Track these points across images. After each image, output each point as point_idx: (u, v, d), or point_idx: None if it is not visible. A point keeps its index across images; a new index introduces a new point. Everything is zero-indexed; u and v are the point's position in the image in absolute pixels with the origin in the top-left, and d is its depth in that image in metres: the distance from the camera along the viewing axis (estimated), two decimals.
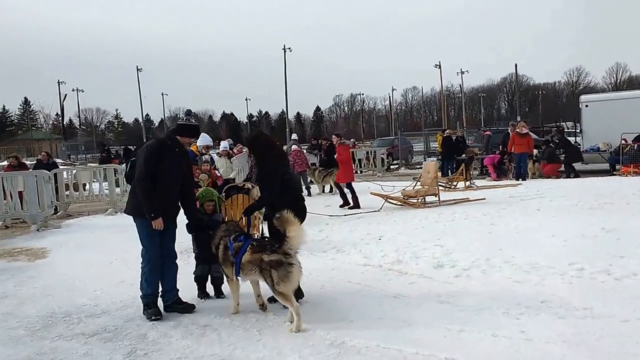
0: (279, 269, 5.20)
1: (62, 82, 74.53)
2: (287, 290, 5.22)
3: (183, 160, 6.04)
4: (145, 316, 5.75)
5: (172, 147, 5.86)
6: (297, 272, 5.26)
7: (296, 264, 5.27)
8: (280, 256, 5.24)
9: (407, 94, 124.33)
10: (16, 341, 5.30)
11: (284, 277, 5.19)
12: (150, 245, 5.80)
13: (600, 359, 4.22)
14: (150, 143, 5.95)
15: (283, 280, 5.19)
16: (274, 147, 6.24)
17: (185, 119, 6.08)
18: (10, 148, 59.03)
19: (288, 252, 5.25)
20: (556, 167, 18.53)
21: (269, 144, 6.18)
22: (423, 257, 7.46)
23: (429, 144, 36.19)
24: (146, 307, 5.81)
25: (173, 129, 6.14)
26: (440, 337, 4.80)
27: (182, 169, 5.99)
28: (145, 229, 5.75)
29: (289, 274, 5.20)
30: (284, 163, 6.21)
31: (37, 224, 12.56)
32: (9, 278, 7.91)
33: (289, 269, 5.20)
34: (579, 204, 10.90)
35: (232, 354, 4.69)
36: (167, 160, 5.76)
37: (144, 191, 5.66)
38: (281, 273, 5.20)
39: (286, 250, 5.25)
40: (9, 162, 15.83)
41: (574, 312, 5.23)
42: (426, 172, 13.39)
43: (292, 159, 16.67)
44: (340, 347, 4.69)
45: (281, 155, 6.42)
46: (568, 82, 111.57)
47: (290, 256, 5.25)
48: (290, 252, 5.26)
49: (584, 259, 6.72)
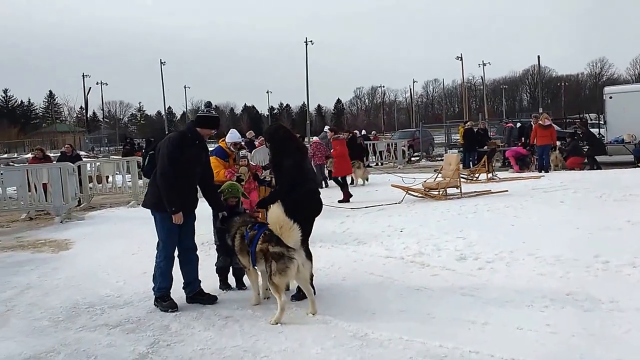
0: (279, 262, 5.19)
1: (87, 76, 75.37)
2: (280, 283, 5.21)
3: (203, 152, 6.04)
4: (160, 308, 5.75)
5: (192, 140, 5.84)
6: (294, 268, 5.19)
7: (297, 259, 5.20)
8: (283, 249, 5.21)
9: (428, 86, 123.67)
10: (40, 332, 5.35)
11: (281, 270, 5.17)
12: (168, 238, 5.80)
13: (627, 352, 4.14)
14: (172, 136, 5.91)
15: (280, 272, 5.17)
16: (294, 140, 6.20)
17: (206, 111, 6.04)
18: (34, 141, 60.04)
19: (292, 247, 5.21)
20: (580, 160, 18.29)
21: (288, 137, 6.14)
22: (445, 249, 7.39)
23: (450, 136, 35.92)
24: (160, 299, 5.82)
25: (193, 121, 6.10)
26: (464, 330, 4.75)
27: (202, 162, 5.99)
28: (164, 223, 5.74)
29: (287, 269, 5.16)
30: (304, 156, 6.17)
31: (61, 216, 12.67)
32: (33, 269, 7.98)
33: (288, 263, 5.17)
34: (603, 196, 10.73)
35: (255, 345, 4.68)
36: (187, 153, 5.75)
37: (168, 185, 5.63)
38: (280, 266, 5.18)
39: (289, 243, 5.21)
40: (34, 155, 16.01)
41: (599, 305, 5.13)
42: (448, 164, 13.27)
43: (312, 151, 16.71)
44: (362, 339, 4.66)
45: (301, 147, 6.37)
46: (591, 73, 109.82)
47: (294, 251, 5.21)
48: (293, 246, 5.21)
49: (609, 251, 6.60)
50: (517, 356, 4.13)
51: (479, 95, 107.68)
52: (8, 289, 6.96)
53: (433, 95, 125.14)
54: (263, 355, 4.48)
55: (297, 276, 5.30)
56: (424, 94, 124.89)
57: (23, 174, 13.10)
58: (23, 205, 13.35)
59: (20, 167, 15.13)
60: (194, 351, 4.64)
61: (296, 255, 5.21)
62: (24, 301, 6.41)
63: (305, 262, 5.32)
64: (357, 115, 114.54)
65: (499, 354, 4.20)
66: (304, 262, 5.28)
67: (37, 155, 15.67)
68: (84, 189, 15.47)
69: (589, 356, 4.10)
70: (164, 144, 5.76)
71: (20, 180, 12.98)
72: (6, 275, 7.67)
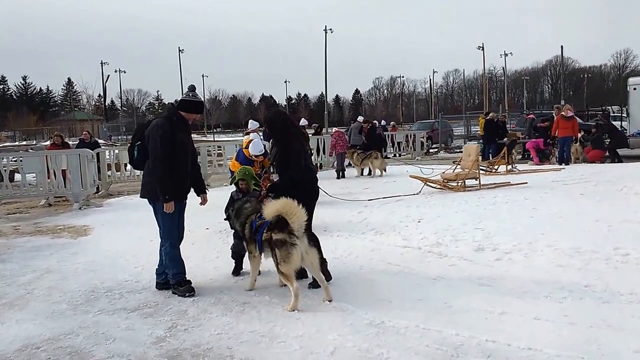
0: (282, 249, 5.21)
1: (105, 63, 75.75)
2: (287, 271, 5.22)
3: (190, 136, 6.13)
4: (178, 294, 5.81)
5: (179, 124, 5.83)
6: (297, 254, 5.18)
7: (299, 244, 5.20)
8: (285, 235, 5.22)
9: (449, 77, 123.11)
10: (59, 314, 5.45)
11: (285, 257, 5.19)
12: (172, 224, 5.88)
13: None
14: (159, 122, 5.80)
15: (284, 260, 5.20)
16: (293, 126, 6.17)
17: (192, 95, 5.96)
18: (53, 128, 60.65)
19: (293, 233, 5.20)
20: (601, 154, 18.11)
21: (288, 122, 6.11)
22: (463, 240, 7.38)
23: (470, 128, 35.67)
24: (177, 285, 5.87)
25: (175, 105, 6.02)
26: (481, 319, 4.77)
27: (191, 145, 6.07)
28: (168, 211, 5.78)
29: (289, 255, 5.17)
30: (304, 142, 6.12)
31: (80, 202, 12.81)
32: (52, 254, 8.12)
33: (290, 249, 5.17)
34: (624, 189, 10.61)
35: (272, 330, 4.74)
36: (178, 138, 5.76)
37: (163, 172, 5.65)
38: (283, 253, 5.20)
39: (291, 230, 5.21)
40: (53, 141, 16.15)
41: (619, 297, 5.12)
42: (467, 155, 13.21)
43: (334, 140, 16.84)
44: (379, 327, 4.70)
45: (301, 134, 6.35)
46: (615, 65, 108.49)
47: (295, 237, 5.20)
48: (295, 232, 5.21)
49: (629, 244, 6.57)
50: (534, 346, 4.14)
51: (499, 86, 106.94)
52: (28, 273, 7.09)
53: (453, 86, 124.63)
54: (280, 340, 4.53)
55: (303, 263, 5.33)
56: (444, 84, 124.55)
57: (42, 160, 13.21)
58: (42, 192, 13.45)
59: (40, 153, 15.24)
60: (212, 335, 4.71)
61: (298, 242, 5.20)
62: (43, 285, 6.53)
63: (309, 248, 5.31)
64: (376, 106, 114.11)
65: (515, 343, 4.22)
66: (307, 248, 5.27)
67: (56, 142, 15.78)
68: (103, 176, 15.59)
69: (607, 347, 4.09)
70: (153, 132, 5.71)
71: (39, 167, 13.09)
72: (25, 260, 7.81)
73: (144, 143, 5.80)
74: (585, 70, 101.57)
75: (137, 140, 5.90)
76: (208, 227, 9.11)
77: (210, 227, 9.07)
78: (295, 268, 5.33)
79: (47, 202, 14.06)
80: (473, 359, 4.04)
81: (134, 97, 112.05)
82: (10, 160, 14.73)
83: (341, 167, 17.01)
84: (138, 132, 5.98)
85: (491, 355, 4.07)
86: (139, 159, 5.90)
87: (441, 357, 4.08)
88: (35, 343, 4.73)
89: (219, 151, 19.53)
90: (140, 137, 5.87)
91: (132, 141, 5.98)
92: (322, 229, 8.30)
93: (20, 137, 69.44)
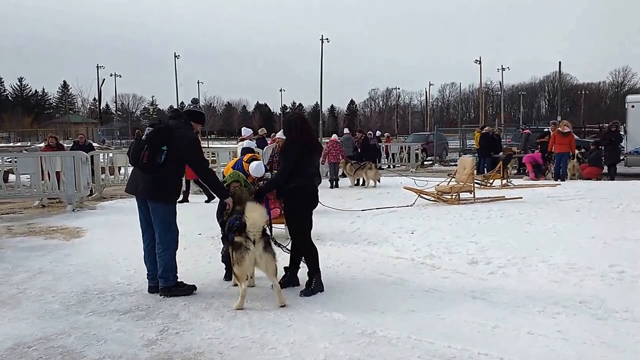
0: (237, 251, 5.41)
1: (101, 67, 75.75)
2: (239, 272, 5.44)
3: None
4: (181, 294, 5.92)
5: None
6: (250, 259, 5.35)
7: (252, 249, 5.34)
8: (242, 239, 5.39)
9: (445, 90, 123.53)
10: (51, 315, 5.43)
11: (238, 259, 5.41)
12: (175, 227, 6.05)
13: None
14: (193, 135, 6.13)
15: (237, 262, 5.42)
16: (303, 132, 6.13)
17: (198, 107, 6.44)
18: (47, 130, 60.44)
19: (249, 237, 5.36)
20: (597, 171, 18.17)
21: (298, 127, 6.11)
22: (457, 252, 7.39)
23: (465, 141, 35.77)
24: (175, 287, 5.98)
25: (188, 116, 6.15)
26: (474, 332, 4.76)
27: None
28: (173, 214, 6.00)
29: (242, 259, 5.37)
30: (299, 148, 6.09)
31: (73, 204, 12.82)
32: (45, 255, 8.11)
33: (243, 253, 5.36)
34: (620, 207, 10.66)
35: (263, 337, 4.72)
36: None
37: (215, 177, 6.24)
38: (237, 255, 5.41)
39: (248, 234, 5.36)
40: (48, 142, 16.13)
41: (613, 314, 5.11)
42: (462, 168, 13.24)
43: (327, 149, 16.83)
44: (370, 337, 4.69)
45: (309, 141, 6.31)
46: (613, 82, 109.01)
47: (249, 241, 5.35)
48: (251, 236, 5.35)
49: (625, 261, 6.58)
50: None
51: (496, 101, 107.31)
52: (21, 273, 7.08)
53: (449, 99, 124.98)
54: (271, 347, 4.52)
55: (256, 267, 5.53)
56: (440, 97, 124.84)
57: (37, 161, 13.24)
58: (36, 193, 13.47)
59: (34, 154, 15.24)
60: (203, 340, 4.70)
61: (252, 247, 5.35)
62: (36, 285, 6.51)
63: (263, 254, 5.43)
64: (371, 117, 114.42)
65: (507, 357, 4.21)
66: (261, 254, 5.41)
67: (51, 143, 15.77)
68: (96, 179, 15.61)
69: None
70: (192, 144, 5.95)
71: (33, 168, 13.13)
72: (18, 260, 7.80)
73: (172, 150, 5.77)
74: (583, 87, 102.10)
75: (161, 144, 5.77)
76: (200, 232, 9.11)
77: (203, 233, 9.07)
78: (247, 271, 5.51)
79: (41, 204, 14.06)
80: None
81: (128, 101, 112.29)
82: (5, 160, 14.71)
83: (334, 176, 17.05)
84: (158, 136, 5.79)
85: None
86: (164, 164, 5.78)
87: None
88: (27, 342, 4.72)
89: (212, 158, 19.62)
90: (166, 142, 5.78)
91: (153, 143, 5.74)
92: (315, 237, 8.23)
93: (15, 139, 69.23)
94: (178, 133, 5.87)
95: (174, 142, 5.81)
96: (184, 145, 5.85)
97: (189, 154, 5.91)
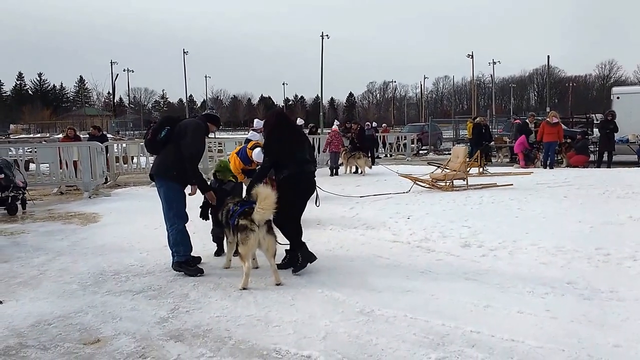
0: (242, 233, 5.48)
1: (115, 63, 75.40)
2: (243, 252, 5.50)
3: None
4: (186, 273, 5.98)
5: (207, 131, 6.34)
6: (254, 239, 5.46)
7: (256, 231, 5.45)
8: (247, 222, 5.48)
9: (439, 83, 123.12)
10: (70, 294, 5.45)
11: (242, 240, 5.49)
12: (183, 206, 6.15)
13: (624, 338, 4.10)
14: (202, 125, 6.22)
15: (242, 242, 5.50)
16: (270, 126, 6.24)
17: (215, 111, 6.74)
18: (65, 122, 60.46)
19: (254, 220, 5.42)
20: (584, 160, 18.10)
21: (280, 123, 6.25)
22: (450, 236, 7.37)
23: (458, 131, 35.69)
24: (185, 264, 6.04)
25: (206, 117, 6.42)
26: (467, 311, 4.75)
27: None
28: (179, 192, 6.08)
29: (246, 239, 5.45)
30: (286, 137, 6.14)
31: (89, 192, 12.84)
32: (63, 238, 8.13)
33: (248, 234, 5.44)
34: (606, 193, 10.62)
35: (267, 315, 4.73)
36: (204, 140, 6.39)
37: (197, 161, 6.19)
38: (242, 236, 5.49)
39: (253, 217, 5.43)
40: (66, 134, 16.14)
41: (599, 294, 5.10)
42: (455, 156, 13.19)
43: (330, 138, 17.02)
44: (369, 315, 4.68)
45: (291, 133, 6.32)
46: (599, 75, 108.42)
47: (255, 224, 5.44)
48: (255, 220, 5.43)
49: (610, 244, 6.55)
50: (516, 337, 4.12)
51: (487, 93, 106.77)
52: (41, 255, 7.11)
53: (443, 92, 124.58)
54: (275, 324, 4.52)
55: (260, 248, 5.58)
56: (434, 90, 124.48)
57: (55, 151, 13.32)
58: (55, 181, 13.61)
59: (53, 145, 15.30)
60: (211, 318, 4.70)
61: (257, 229, 5.44)
62: (55, 267, 6.53)
63: (266, 236, 5.53)
64: (369, 109, 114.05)
65: (499, 334, 4.19)
66: (264, 235, 5.51)
67: (69, 134, 15.77)
68: (111, 167, 15.64)
69: (587, 341, 4.07)
70: (196, 130, 6.05)
71: (52, 157, 13.22)
72: (39, 243, 7.83)
73: (174, 130, 6.03)
74: (570, 80, 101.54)
75: (167, 125, 6.11)
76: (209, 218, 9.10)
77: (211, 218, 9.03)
78: (251, 251, 5.57)
79: (59, 191, 14.14)
80: (458, 347, 4.01)
81: (141, 95, 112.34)
82: (26, 151, 14.85)
83: (334, 164, 17.09)
84: (168, 120, 6.25)
85: (475, 345, 4.05)
86: (162, 140, 6.05)
87: (428, 345, 4.06)
88: (47, 319, 4.75)
89: (219, 147, 19.81)
90: (171, 125, 6.10)
91: (159, 125, 6.13)
92: (316, 222, 8.30)
93: (34, 130, 69.27)
94: (188, 121, 6.20)
95: (180, 125, 6.05)
96: (191, 128, 6.03)
97: (191, 135, 5.97)
